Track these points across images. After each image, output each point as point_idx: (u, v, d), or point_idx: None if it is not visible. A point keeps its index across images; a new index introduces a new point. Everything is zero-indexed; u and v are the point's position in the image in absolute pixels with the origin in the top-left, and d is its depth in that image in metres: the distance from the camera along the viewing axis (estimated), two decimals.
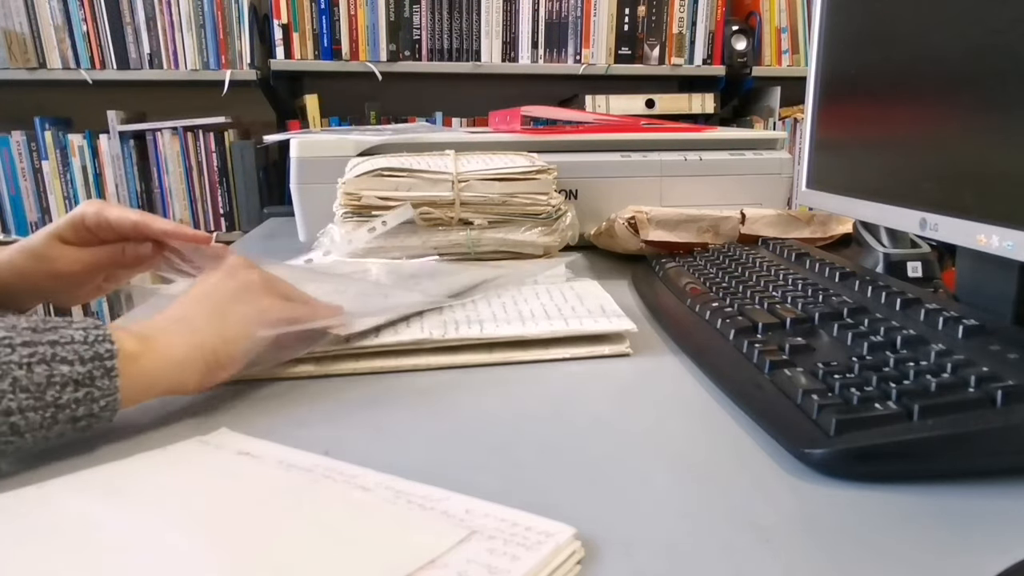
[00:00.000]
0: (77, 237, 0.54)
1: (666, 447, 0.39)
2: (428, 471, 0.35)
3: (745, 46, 1.97)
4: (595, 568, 0.28)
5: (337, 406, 0.44)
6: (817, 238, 0.79)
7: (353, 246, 0.71)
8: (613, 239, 0.81)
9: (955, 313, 0.44)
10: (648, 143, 0.92)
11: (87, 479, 0.34)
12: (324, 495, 0.33)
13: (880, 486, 0.34)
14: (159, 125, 1.87)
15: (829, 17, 0.68)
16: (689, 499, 0.33)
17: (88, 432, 0.37)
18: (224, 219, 1.93)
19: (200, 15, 1.82)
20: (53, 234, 0.54)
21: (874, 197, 0.59)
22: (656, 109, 1.91)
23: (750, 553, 0.29)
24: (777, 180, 0.93)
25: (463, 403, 0.45)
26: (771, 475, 0.35)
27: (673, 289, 0.64)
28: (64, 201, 1.87)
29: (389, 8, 1.86)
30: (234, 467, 0.36)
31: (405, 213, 0.71)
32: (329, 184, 0.77)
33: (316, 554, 0.28)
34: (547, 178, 0.76)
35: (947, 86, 0.51)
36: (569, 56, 1.94)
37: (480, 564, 0.27)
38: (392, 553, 0.28)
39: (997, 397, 0.35)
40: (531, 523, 0.29)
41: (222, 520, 0.30)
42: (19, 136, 1.84)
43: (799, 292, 0.55)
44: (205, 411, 0.43)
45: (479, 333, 0.51)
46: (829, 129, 0.68)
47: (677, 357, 0.52)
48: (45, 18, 1.77)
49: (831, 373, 0.39)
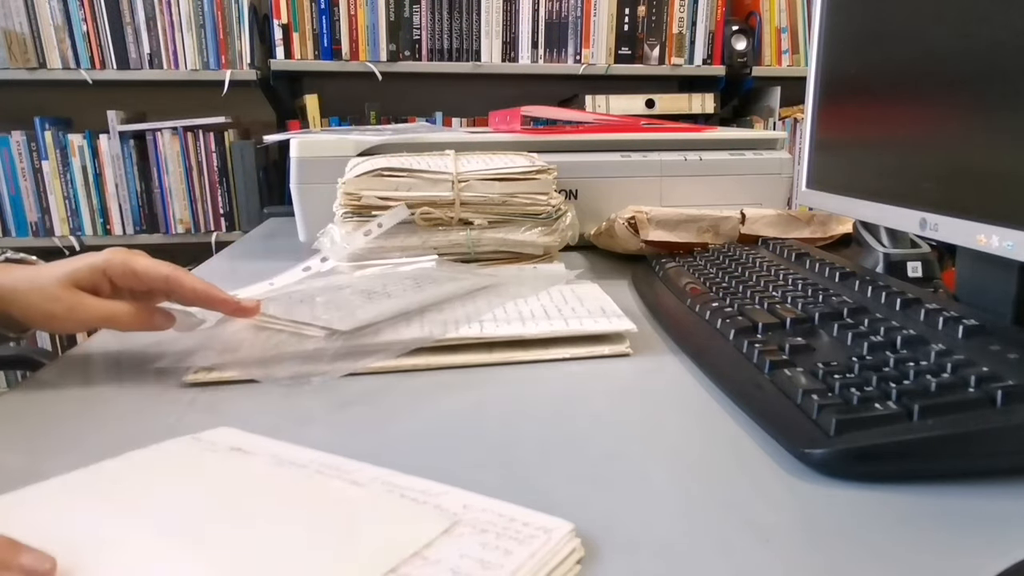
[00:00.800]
0: (92, 284, 0.48)
1: (666, 447, 0.39)
2: (428, 471, 0.35)
3: (745, 46, 1.97)
4: (595, 568, 0.28)
5: (337, 406, 0.44)
6: (817, 238, 0.79)
7: (351, 249, 0.71)
8: (613, 239, 0.81)
9: (955, 313, 0.44)
10: (648, 143, 0.92)
11: (80, 479, 0.34)
12: (314, 490, 0.33)
13: (880, 486, 0.34)
14: (159, 125, 1.87)
15: (829, 17, 0.67)
16: (689, 499, 0.33)
17: None
18: (224, 219, 1.93)
19: (200, 15, 1.82)
20: (68, 279, 0.48)
21: (874, 197, 0.59)
22: (656, 109, 1.91)
23: (750, 553, 0.29)
24: (777, 180, 0.93)
25: (463, 403, 0.45)
26: (771, 475, 0.35)
27: (673, 289, 0.64)
28: (64, 201, 1.87)
29: (389, 8, 1.85)
30: (226, 464, 0.36)
31: (400, 214, 0.71)
32: (329, 184, 0.77)
33: (300, 549, 0.28)
34: (547, 178, 0.76)
35: (947, 86, 0.51)
36: (569, 56, 1.94)
37: (473, 559, 0.27)
38: (376, 546, 0.28)
39: (997, 397, 0.35)
40: (528, 518, 0.29)
41: (209, 517, 0.30)
42: (19, 136, 1.84)
43: (799, 292, 0.55)
44: (205, 411, 0.43)
45: (479, 333, 0.51)
46: (829, 129, 0.68)
47: (677, 357, 0.52)
48: (45, 18, 1.77)
49: (831, 373, 0.39)
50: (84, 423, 0.42)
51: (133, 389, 0.47)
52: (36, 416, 0.43)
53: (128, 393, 0.47)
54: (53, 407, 0.45)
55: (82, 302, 0.47)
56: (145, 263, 0.49)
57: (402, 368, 0.50)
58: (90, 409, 0.44)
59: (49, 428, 0.42)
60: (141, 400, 0.45)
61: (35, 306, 0.47)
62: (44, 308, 0.47)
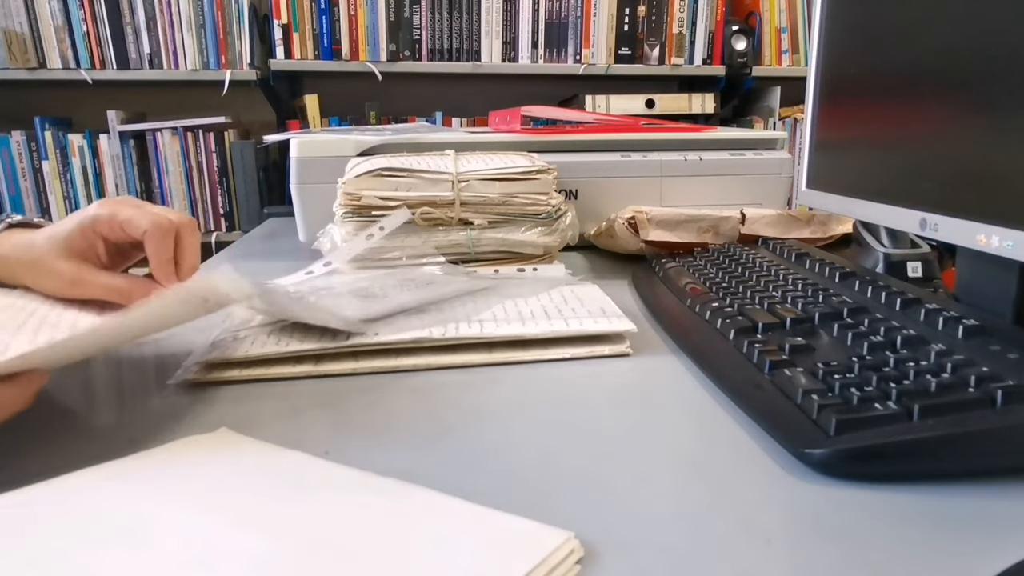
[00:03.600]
0: (89, 247, 0.47)
1: (666, 447, 0.39)
2: (427, 471, 0.35)
3: (745, 46, 1.97)
4: (595, 568, 0.28)
5: (336, 406, 0.44)
6: (817, 238, 0.79)
7: (352, 252, 0.70)
8: (613, 239, 0.81)
9: (955, 313, 0.44)
10: (648, 143, 0.92)
11: (79, 479, 0.34)
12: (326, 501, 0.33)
13: (880, 486, 0.34)
14: (159, 125, 1.87)
15: (829, 17, 0.68)
16: (689, 499, 0.33)
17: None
18: (224, 219, 1.93)
19: (200, 15, 1.82)
20: (65, 249, 0.46)
21: (874, 197, 0.59)
22: (656, 109, 1.91)
23: (750, 553, 0.29)
24: (777, 180, 0.93)
25: (462, 403, 0.44)
26: (771, 475, 0.35)
27: (673, 289, 0.64)
28: (64, 201, 1.87)
29: (389, 8, 1.86)
30: (228, 465, 0.36)
31: (402, 216, 0.71)
32: (329, 184, 0.77)
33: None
34: (547, 178, 0.76)
35: (947, 86, 0.51)
36: (569, 56, 1.94)
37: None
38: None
39: (997, 397, 0.35)
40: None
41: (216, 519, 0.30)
42: (19, 136, 1.84)
43: (799, 292, 0.55)
44: (204, 411, 0.43)
45: (479, 333, 0.51)
46: (829, 129, 0.68)
47: (677, 357, 0.52)
48: (45, 18, 1.77)
49: (831, 373, 0.39)
50: (83, 423, 0.42)
51: (133, 389, 0.47)
52: (35, 415, 0.43)
53: (128, 393, 0.47)
54: (53, 407, 0.45)
55: (83, 277, 0.45)
56: (128, 214, 0.46)
57: (402, 368, 0.50)
58: (90, 409, 0.44)
59: (49, 428, 0.41)
60: (141, 400, 0.45)
61: (36, 283, 0.46)
62: (46, 284, 0.46)
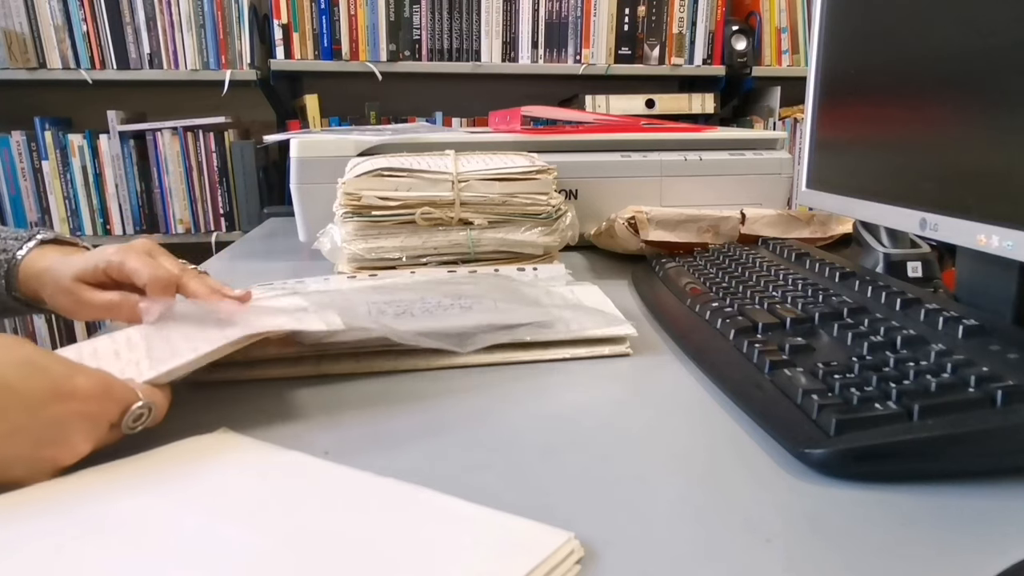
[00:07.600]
0: (96, 280, 0.53)
1: (666, 447, 0.39)
2: (427, 472, 0.35)
3: (745, 46, 1.97)
4: (595, 568, 0.28)
5: (337, 406, 0.44)
6: (817, 238, 0.79)
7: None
8: (613, 239, 0.81)
9: (955, 313, 0.44)
10: (648, 143, 0.92)
11: (79, 479, 0.34)
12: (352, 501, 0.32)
13: (880, 486, 0.34)
14: (159, 125, 1.87)
15: (829, 17, 0.67)
16: (689, 499, 0.33)
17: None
18: (224, 219, 1.93)
19: (200, 15, 1.81)
20: (78, 275, 0.53)
21: (874, 197, 0.59)
22: (656, 109, 1.91)
23: (750, 553, 0.29)
24: (777, 180, 0.93)
25: (463, 403, 0.45)
26: (771, 475, 0.35)
27: (673, 289, 0.64)
28: (64, 201, 1.87)
29: (389, 8, 1.85)
30: (230, 467, 0.36)
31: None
32: (329, 184, 0.77)
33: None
34: (547, 178, 0.76)
35: (947, 86, 0.51)
36: (569, 56, 1.94)
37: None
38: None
39: (997, 397, 0.35)
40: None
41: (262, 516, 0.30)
42: (19, 136, 1.84)
43: (799, 292, 0.55)
44: (204, 411, 0.43)
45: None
46: (829, 129, 0.68)
47: (677, 357, 0.52)
48: (45, 18, 1.77)
49: (831, 373, 0.39)
50: None
51: None
52: None
53: None
54: None
55: (83, 297, 0.53)
56: (134, 265, 0.51)
57: (402, 368, 0.50)
58: None
59: None
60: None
61: (52, 295, 0.55)
62: (58, 300, 0.54)
